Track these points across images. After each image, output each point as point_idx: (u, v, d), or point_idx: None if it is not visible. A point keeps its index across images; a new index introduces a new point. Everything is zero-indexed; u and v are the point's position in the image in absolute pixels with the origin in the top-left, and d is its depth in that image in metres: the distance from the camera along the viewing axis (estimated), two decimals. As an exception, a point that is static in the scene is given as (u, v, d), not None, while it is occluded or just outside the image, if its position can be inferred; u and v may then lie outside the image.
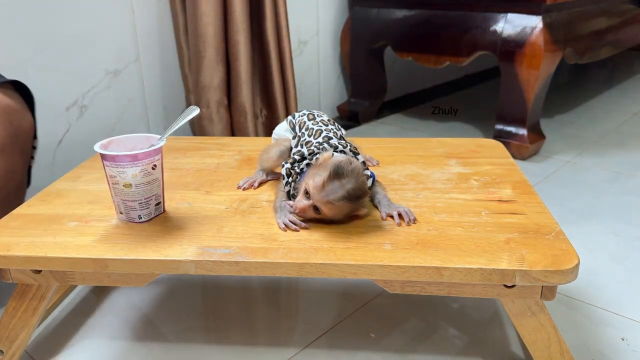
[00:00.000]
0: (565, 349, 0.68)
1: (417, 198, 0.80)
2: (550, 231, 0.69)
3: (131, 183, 0.71)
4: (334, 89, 2.07)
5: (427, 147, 1.00)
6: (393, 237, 0.69)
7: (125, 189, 0.72)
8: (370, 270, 0.64)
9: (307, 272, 0.64)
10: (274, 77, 1.63)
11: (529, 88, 1.54)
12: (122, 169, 0.70)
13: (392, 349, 0.82)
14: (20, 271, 0.70)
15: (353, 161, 0.71)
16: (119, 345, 0.84)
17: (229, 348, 0.82)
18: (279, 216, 0.73)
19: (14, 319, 0.74)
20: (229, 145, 1.03)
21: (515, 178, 0.86)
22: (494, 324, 0.87)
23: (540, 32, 1.48)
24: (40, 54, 1.31)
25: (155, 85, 1.57)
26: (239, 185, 0.85)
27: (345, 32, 1.95)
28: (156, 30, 1.53)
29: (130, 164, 0.70)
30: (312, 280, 0.99)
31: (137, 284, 0.70)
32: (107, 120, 1.47)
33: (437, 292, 0.67)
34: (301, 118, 0.85)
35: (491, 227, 0.71)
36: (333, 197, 0.68)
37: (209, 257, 0.65)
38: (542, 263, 0.62)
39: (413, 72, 2.34)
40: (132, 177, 0.71)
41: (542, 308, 0.66)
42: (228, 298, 0.95)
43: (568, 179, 1.44)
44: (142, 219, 0.74)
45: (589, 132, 1.82)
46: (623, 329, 0.85)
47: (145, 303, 0.94)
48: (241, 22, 1.50)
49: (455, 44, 1.67)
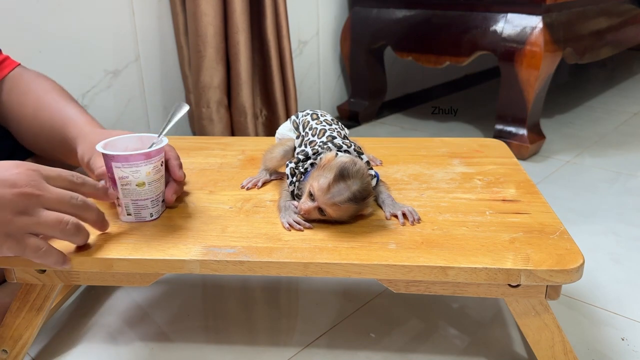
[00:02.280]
0: (569, 349, 0.68)
1: (421, 198, 0.80)
2: (555, 230, 0.69)
3: (145, 181, 0.72)
4: (334, 89, 2.07)
5: (430, 147, 1.00)
6: (397, 236, 0.69)
7: (138, 188, 0.72)
8: (375, 270, 0.64)
9: (312, 272, 0.64)
10: (274, 77, 1.63)
11: (529, 88, 1.54)
12: (136, 168, 0.71)
13: (393, 349, 0.82)
14: (25, 271, 0.70)
15: (357, 161, 0.71)
16: (120, 345, 0.84)
17: (229, 348, 0.82)
18: (283, 216, 0.73)
19: (18, 319, 0.74)
20: (232, 145, 1.03)
21: (519, 177, 0.86)
22: (496, 324, 0.87)
23: (540, 32, 1.49)
24: (40, 54, 1.30)
25: (155, 85, 1.56)
26: (243, 185, 0.85)
27: (345, 32, 1.95)
28: (156, 30, 1.53)
29: (145, 162, 0.71)
30: (312, 280, 0.99)
31: (142, 283, 0.70)
32: (107, 121, 1.47)
33: (441, 292, 0.67)
34: (305, 118, 0.85)
35: (495, 227, 0.71)
36: (338, 199, 0.68)
37: (214, 256, 0.65)
38: (547, 262, 0.62)
39: (413, 72, 2.34)
40: (146, 175, 0.72)
41: (546, 307, 0.67)
42: (228, 298, 0.95)
43: (568, 179, 1.45)
44: (153, 217, 0.75)
45: (589, 132, 1.82)
46: (623, 329, 0.85)
47: (146, 303, 0.94)
48: (241, 22, 1.50)
49: (455, 44, 1.68)
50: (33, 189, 0.60)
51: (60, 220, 0.62)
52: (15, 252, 0.62)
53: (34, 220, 0.60)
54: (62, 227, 0.62)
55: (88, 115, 0.86)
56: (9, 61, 0.93)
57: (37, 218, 0.61)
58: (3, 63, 0.92)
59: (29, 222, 0.60)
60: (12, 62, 0.93)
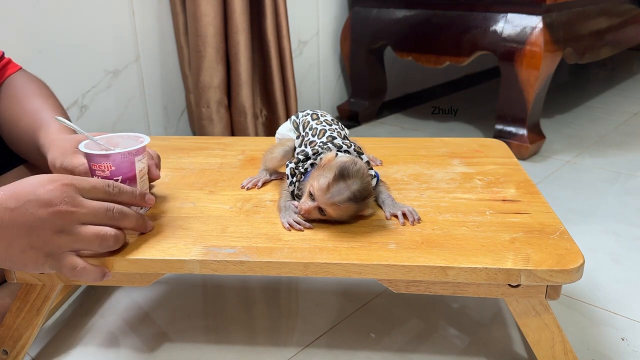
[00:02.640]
0: (569, 349, 0.68)
1: (421, 198, 0.80)
2: (555, 230, 0.69)
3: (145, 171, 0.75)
4: (334, 89, 2.07)
5: (429, 147, 1.00)
6: (397, 236, 0.69)
7: (146, 179, 0.75)
8: (375, 270, 0.64)
9: (312, 272, 0.64)
10: (274, 77, 1.63)
11: (529, 88, 1.54)
12: (144, 159, 0.73)
13: (393, 349, 0.82)
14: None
15: (357, 161, 0.70)
16: (120, 345, 0.84)
17: (229, 348, 0.82)
18: (283, 216, 0.73)
19: (18, 319, 0.74)
20: (232, 145, 1.03)
21: (519, 177, 0.86)
22: (496, 324, 0.87)
23: (540, 32, 1.49)
24: (40, 54, 1.30)
25: (155, 85, 1.56)
26: (243, 185, 0.85)
27: (345, 32, 1.95)
28: (156, 30, 1.53)
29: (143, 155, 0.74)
30: (312, 280, 0.99)
31: (142, 283, 0.70)
32: (107, 120, 1.47)
33: (441, 292, 0.67)
34: (305, 118, 0.85)
35: (496, 227, 0.71)
36: (338, 199, 0.68)
37: (214, 256, 0.65)
38: (548, 262, 0.62)
39: (413, 72, 2.34)
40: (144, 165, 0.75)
41: (546, 307, 0.67)
42: (228, 298, 0.95)
43: (568, 179, 1.45)
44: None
45: (589, 132, 1.82)
46: (623, 329, 0.86)
47: (146, 303, 0.94)
48: (241, 22, 1.50)
49: (455, 44, 1.68)
50: (68, 206, 0.60)
51: (97, 234, 0.62)
52: (54, 270, 0.62)
53: (72, 238, 0.60)
54: (100, 241, 0.62)
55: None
56: (10, 65, 0.92)
57: (75, 235, 0.61)
58: (4, 67, 0.91)
59: (67, 240, 0.60)
60: (14, 66, 0.93)
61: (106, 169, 0.70)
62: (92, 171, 0.71)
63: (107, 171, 0.70)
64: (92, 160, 0.70)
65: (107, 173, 0.70)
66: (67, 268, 0.62)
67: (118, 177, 0.71)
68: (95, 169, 0.70)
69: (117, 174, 0.71)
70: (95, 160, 0.70)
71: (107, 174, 0.70)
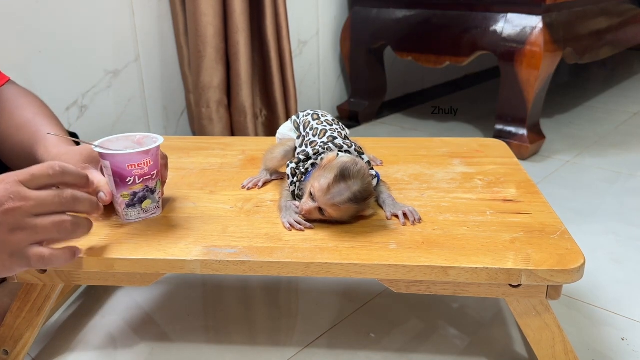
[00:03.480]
0: (570, 349, 0.68)
1: (422, 198, 0.80)
2: (556, 230, 0.69)
3: None
4: (334, 89, 2.07)
5: (430, 147, 1.00)
6: (398, 236, 0.69)
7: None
8: (376, 270, 0.64)
9: (313, 272, 0.64)
10: (274, 77, 1.63)
11: (529, 88, 1.54)
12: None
13: (393, 349, 0.82)
14: (25, 271, 0.70)
15: (358, 162, 0.71)
16: (120, 345, 0.84)
17: (229, 348, 0.82)
18: (284, 216, 0.73)
19: (19, 319, 0.74)
20: (233, 145, 1.03)
21: (519, 177, 0.86)
22: (496, 324, 0.87)
23: (540, 32, 1.49)
24: (40, 54, 1.30)
25: (155, 85, 1.56)
26: (243, 185, 0.85)
27: (345, 32, 1.95)
28: (156, 30, 1.53)
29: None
30: (312, 279, 0.99)
31: (143, 283, 0.70)
32: (107, 120, 1.47)
33: (442, 292, 0.67)
34: (305, 118, 0.85)
35: (496, 227, 0.71)
36: (339, 200, 0.68)
37: (215, 256, 0.65)
38: (548, 262, 0.62)
39: (413, 72, 2.34)
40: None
41: (547, 307, 0.67)
42: (228, 298, 0.95)
43: (568, 179, 1.45)
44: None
45: (589, 132, 1.82)
46: (623, 329, 0.86)
47: (146, 303, 0.94)
48: (241, 22, 1.50)
49: (455, 44, 1.68)
50: (15, 202, 0.58)
51: (53, 222, 0.60)
52: (24, 267, 0.61)
53: (28, 232, 0.59)
54: (58, 228, 0.60)
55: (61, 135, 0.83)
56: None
57: (31, 229, 0.59)
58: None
59: (24, 235, 0.59)
60: (2, 77, 0.91)
61: (145, 165, 0.71)
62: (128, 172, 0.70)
63: (146, 167, 0.71)
64: (131, 160, 0.70)
65: (146, 169, 0.71)
66: (35, 260, 0.60)
67: (154, 171, 0.72)
68: (132, 168, 0.70)
69: (154, 169, 0.72)
70: (134, 159, 0.70)
71: (145, 170, 0.71)
